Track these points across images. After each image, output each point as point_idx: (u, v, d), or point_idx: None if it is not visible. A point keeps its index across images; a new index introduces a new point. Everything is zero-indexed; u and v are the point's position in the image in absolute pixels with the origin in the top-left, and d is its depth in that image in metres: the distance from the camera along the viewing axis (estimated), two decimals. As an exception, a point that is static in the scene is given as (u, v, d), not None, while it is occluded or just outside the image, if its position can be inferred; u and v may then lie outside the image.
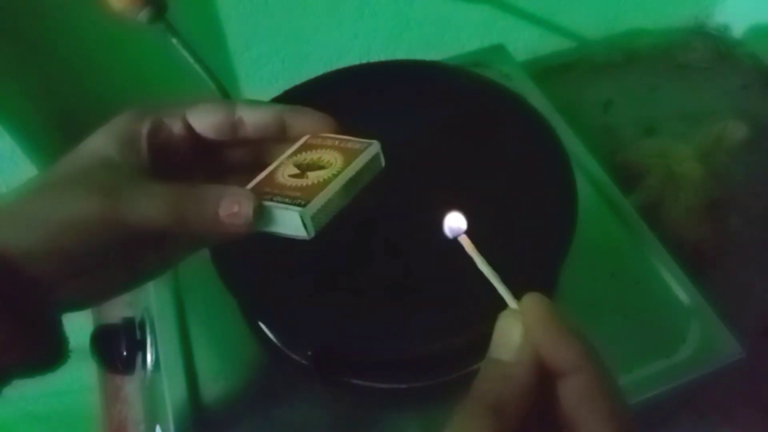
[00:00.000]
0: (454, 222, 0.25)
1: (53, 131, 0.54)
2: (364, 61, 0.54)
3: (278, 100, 0.48)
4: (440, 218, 0.26)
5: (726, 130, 0.60)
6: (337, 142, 0.31)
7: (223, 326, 0.44)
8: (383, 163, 0.31)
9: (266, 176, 0.31)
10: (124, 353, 0.44)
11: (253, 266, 0.41)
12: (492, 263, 0.24)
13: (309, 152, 0.31)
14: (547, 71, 0.67)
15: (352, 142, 0.31)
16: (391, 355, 0.39)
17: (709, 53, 0.70)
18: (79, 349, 0.44)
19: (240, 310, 0.44)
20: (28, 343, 0.27)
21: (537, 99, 0.55)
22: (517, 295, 0.24)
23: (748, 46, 0.70)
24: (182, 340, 0.44)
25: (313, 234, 0.28)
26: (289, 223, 0.28)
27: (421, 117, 0.49)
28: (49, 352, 0.29)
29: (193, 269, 0.46)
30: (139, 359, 0.44)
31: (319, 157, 0.30)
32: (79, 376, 0.51)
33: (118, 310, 0.50)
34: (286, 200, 0.28)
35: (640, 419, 0.43)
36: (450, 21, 0.64)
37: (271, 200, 0.29)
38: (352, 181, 0.30)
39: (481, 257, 0.24)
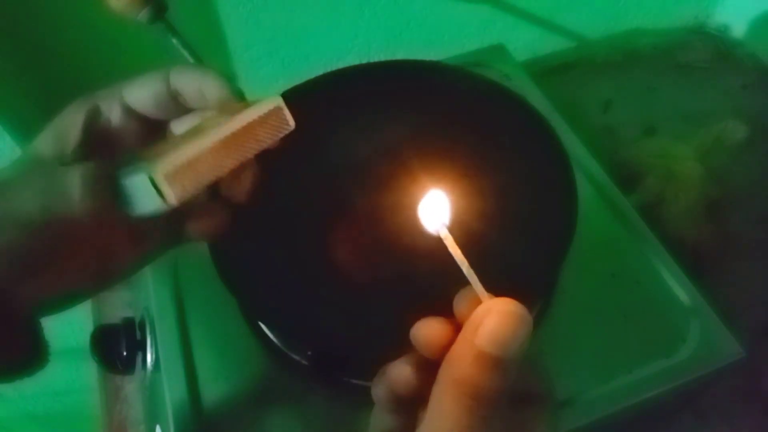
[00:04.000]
0: (435, 213, 0.24)
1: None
2: (364, 61, 0.54)
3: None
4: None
5: (726, 130, 0.60)
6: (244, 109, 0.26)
7: (223, 326, 0.44)
8: (291, 122, 0.27)
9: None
10: (124, 353, 0.44)
11: (253, 266, 0.41)
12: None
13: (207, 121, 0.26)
14: (547, 71, 0.67)
15: (257, 104, 0.26)
16: (390, 355, 0.38)
17: (709, 53, 0.70)
18: (79, 349, 0.45)
19: (240, 310, 0.44)
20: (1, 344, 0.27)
21: (537, 99, 0.55)
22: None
23: (748, 46, 0.70)
24: (182, 340, 0.44)
25: (174, 202, 0.23)
26: (146, 194, 0.23)
27: (421, 117, 0.49)
28: (26, 355, 0.28)
29: (193, 269, 0.46)
30: (139, 359, 0.44)
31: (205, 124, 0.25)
32: (79, 376, 0.51)
33: (118, 310, 0.50)
34: (133, 165, 0.23)
35: (640, 419, 0.43)
36: (450, 21, 0.64)
37: (119, 170, 0.24)
38: (235, 137, 0.24)
39: (461, 255, 0.23)
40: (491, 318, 0.22)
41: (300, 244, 0.43)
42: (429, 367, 0.23)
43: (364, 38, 0.62)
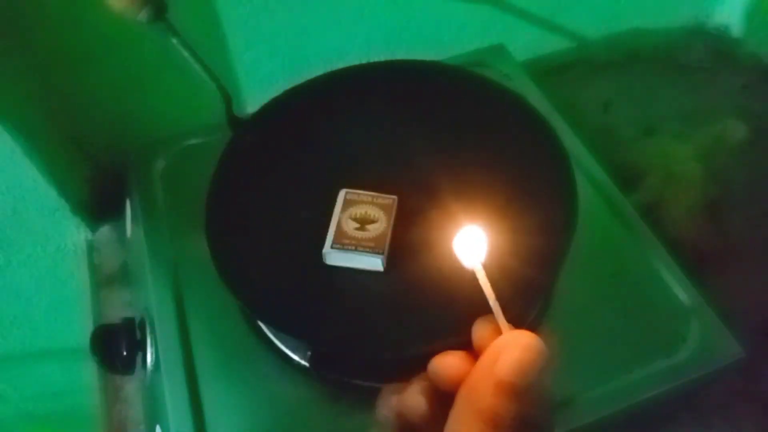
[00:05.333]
0: (472, 247, 0.25)
1: (53, 131, 0.54)
2: (364, 61, 0.54)
3: (278, 99, 0.48)
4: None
5: (726, 130, 0.60)
6: (370, 198, 0.43)
7: (223, 326, 0.44)
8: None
9: (337, 231, 0.41)
10: (124, 353, 0.44)
11: (253, 266, 0.41)
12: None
13: (355, 208, 0.42)
14: (547, 71, 0.67)
15: (380, 198, 0.43)
16: (390, 355, 0.39)
17: (709, 53, 0.70)
18: (79, 349, 0.45)
19: (240, 310, 0.44)
20: None
21: (537, 99, 0.55)
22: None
23: (748, 46, 0.70)
24: (182, 340, 0.44)
25: (383, 269, 0.41)
26: (370, 262, 0.41)
27: (421, 117, 0.49)
28: None
29: (193, 269, 0.46)
30: (139, 359, 0.44)
31: (366, 212, 0.42)
32: (79, 376, 0.51)
33: (118, 310, 0.50)
34: (368, 249, 0.40)
35: (640, 419, 0.43)
36: (450, 21, 0.64)
37: (356, 248, 0.40)
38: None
39: (491, 290, 0.24)
40: (513, 349, 0.23)
41: (300, 244, 0.43)
42: (440, 396, 0.24)
43: (364, 38, 0.62)
